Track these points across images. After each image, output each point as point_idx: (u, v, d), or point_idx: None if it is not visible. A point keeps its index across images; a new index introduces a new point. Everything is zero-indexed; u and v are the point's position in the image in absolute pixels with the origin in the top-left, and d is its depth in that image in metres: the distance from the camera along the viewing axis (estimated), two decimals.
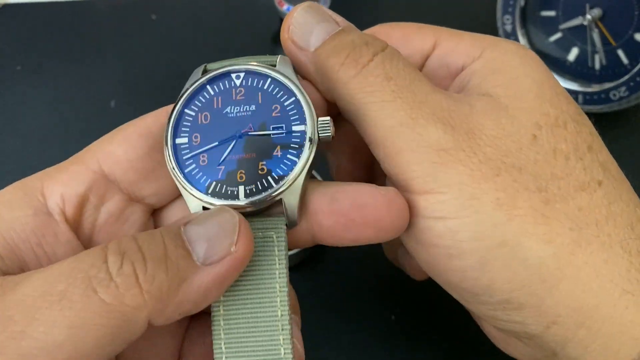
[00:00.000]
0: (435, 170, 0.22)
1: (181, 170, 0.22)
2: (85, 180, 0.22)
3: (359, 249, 0.38)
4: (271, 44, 0.49)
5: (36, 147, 0.43)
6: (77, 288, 0.18)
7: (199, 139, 0.22)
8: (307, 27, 0.25)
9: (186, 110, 0.23)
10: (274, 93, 0.23)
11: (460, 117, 0.23)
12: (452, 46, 0.26)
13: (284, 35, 0.25)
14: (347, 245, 0.23)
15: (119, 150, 0.22)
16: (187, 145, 0.22)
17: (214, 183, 0.22)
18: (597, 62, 0.42)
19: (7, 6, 0.51)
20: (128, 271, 0.19)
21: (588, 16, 0.41)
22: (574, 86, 0.43)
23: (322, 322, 0.35)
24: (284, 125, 0.22)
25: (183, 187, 0.22)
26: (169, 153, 0.22)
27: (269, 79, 0.23)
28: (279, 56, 0.24)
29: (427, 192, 0.22)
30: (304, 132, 0.22)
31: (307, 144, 0.22)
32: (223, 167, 0.22)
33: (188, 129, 0.23)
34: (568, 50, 0.43)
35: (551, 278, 0.21)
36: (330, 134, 0.22)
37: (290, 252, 0.36)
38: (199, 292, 0.20)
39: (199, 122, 0.23)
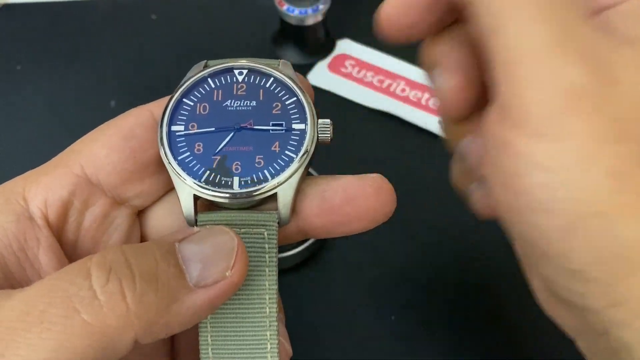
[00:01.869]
0: (559, 115, 0.19)
1: (174, 157, 0.22)
2: (69, 185, 0.21)
3: (360, 249, 0.38)
4: (271, 44, 0.49)
5: (36, 147, 0.43)
6: (57, 308, 0.17)
7: (195, 128, 0.22)
8: None
9: (184, 100, 0.23)
10: (275, 91, 0.23)
11: (607, 62, 0.20)
12: None
13: None
14: (339, 236, 0.23)
15: (102, 153, 0.22)
16: (183, 133, 0.22)
17: (208, 171, 0.21)
18: None
19: (7, 6, 0.51)
20: (114, 288, 0.18)
21: None
22: None
23: (322, 322, 0.35)
24: (284, 122, 0.22)
25: (176, 173, 0.21)
26: (163, 139, 0.22)
27: (272, 78, 0.23)
28: (281, 61, 0.24)
29: (542, 136, 0.19)
30: (304, 131, 0.22)
31: (306, 141, 0.22)
32: (218, 157, 0.22)
33: (185, 118, 0.22)
34: None
35: (634, 263, 0.19)
36: (329, 136, 0.22)
37: (290, 252, 0.36)
38: (188, 313, 0.19)
39: (197, 112, 0.22)
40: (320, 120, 0.22)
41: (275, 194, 0.21)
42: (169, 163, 0.22)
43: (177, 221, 0.23)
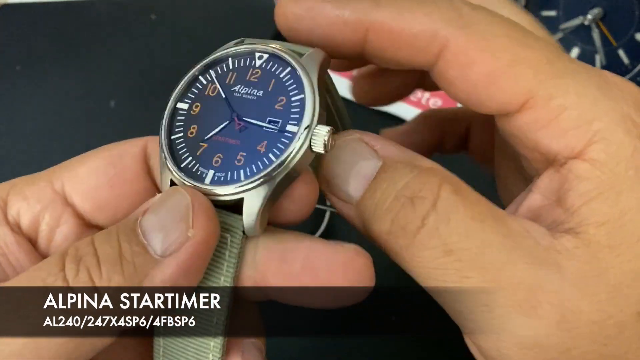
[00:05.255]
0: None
1: (169, 135, 0.21)
2: (44, 200, 0.22)
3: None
4: None
5: (36, 146, 0.43)
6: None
7: (198, 108, 0.22)
8: (342, 177, 0.21)
9: (200, 77, 0.22)
10: (286, 84, 0.21)
11: (547, 296, 0.18)
12: (548, 116, 0.19)
13: (324, 189, 0.22)
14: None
15: (83, 172, 0.22)
16: (185, 112, 0.22)
17: (190, 159, 0.21)
18: (598, 62, 0.42)
19: (7, 6, 0.51)
20: (84, 278, 0.18)
21: (589, 16, 0.41)
22: None
23: (322, 322, 0.35)
24: (280, 121, 0.20)
25: (164, 154, 0.21)
26: (165, 114, 0.22)
27: (288, 68, 0.21)
28: (314, 49, 0.22)
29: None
30: (294, 134, 0.20)
31: (290, 147, 0.20)
32: (205, 145, 0.21)
33: (193, 96, 0.22)
34: (569, 50, 0.43)
35: None
36: (321, 150, 0.20)
37: None
38: (165, 285, 0.18)
39: (206, 93, 0.22)
40: (318, 126, 0.20)
41: (242, 199, 0.19)
42: (161, 142, 0.21)
43: None
